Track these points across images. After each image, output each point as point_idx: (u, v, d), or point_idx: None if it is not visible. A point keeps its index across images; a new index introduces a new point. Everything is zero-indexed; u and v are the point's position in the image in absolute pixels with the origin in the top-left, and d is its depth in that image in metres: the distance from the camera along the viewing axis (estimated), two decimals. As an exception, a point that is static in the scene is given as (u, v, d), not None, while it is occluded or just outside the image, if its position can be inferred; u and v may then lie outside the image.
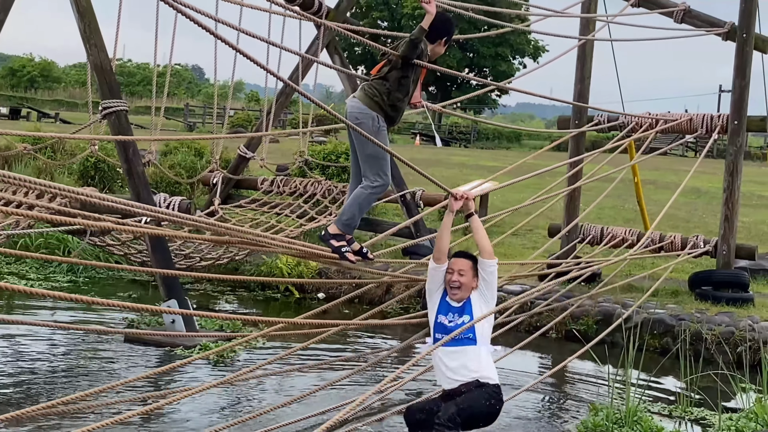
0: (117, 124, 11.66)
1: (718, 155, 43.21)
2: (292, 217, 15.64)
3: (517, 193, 23.53)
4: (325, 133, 36.34)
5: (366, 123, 7.57)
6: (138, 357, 10.67)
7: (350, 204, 7.82)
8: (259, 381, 9.71)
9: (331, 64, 14.41)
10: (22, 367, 9.98)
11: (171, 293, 11.48)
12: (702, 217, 22.41)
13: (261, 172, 18.78)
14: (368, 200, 7.80)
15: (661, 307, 12.85)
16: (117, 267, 12.11)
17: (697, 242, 14.11)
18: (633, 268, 15.10)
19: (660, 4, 14.73)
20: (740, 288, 13.49)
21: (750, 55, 13.87)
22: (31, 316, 12.06)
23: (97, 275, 15.12)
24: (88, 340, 11.37)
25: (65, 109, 68.59)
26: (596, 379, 10.86)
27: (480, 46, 74.72)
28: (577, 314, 12.75)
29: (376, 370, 10.30)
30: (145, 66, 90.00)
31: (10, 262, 15.22)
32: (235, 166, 17.59)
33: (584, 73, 14.92)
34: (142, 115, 49.43)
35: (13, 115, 53.15)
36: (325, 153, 19.62)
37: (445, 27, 7.93)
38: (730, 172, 13.97)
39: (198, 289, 14.84)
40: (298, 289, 14.65)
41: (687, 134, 14.72)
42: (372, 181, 7.69)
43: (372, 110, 7.61)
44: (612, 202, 23.68)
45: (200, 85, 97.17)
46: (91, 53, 11.72)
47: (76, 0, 11.63)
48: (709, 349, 11.48)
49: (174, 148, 21.53)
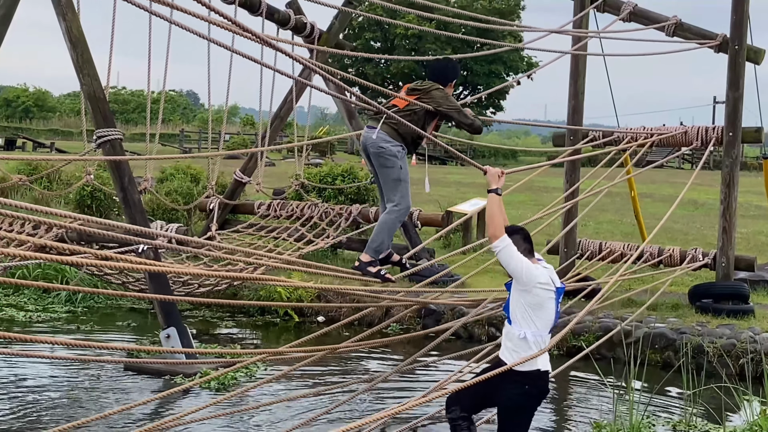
0: (112, 153, 11.65)
1: (715, 167, 43.27)
2: (290, 241, 15.62)
3: (515, 209, 23.54)
4: (321, 156, 36.46)
5: (391, 151, 8.45)
6: (137, 385, 10.62)
7: (378, 230, 8.61)
8: (261, 407, 9.65)
9: (323, 87, 14.41)
10: (22, 395, 9.94)
11: (170, 321, 11.46)
12: (700, 230, 22.40)
13: (257, 197, 18.77)
14: (395, 224, 8.62)
15: (662, 321, 12.81)
16: (117, 294, 12.07)
17: (695, 255, 14.09)
18: (632, 282, 15.06)
19: (651, 18, 14.77)
20: (740, 300, 13.46)
21: (742, 66, 13.90)
22: (31, 345, 12.02)
23: (96, 305, 15.08)
24: (88, 369, 11.32)
25: (60, 138, 68.57)
26: (599, 395, 10.81)
27: (474, 64, 74.87)
28: (577, 330, 12.71)
29: (379, 390, 10.26)
30: (139, 93, 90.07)
31: (8, 294, 15.18)
32: (232, 191, 17.58)
33: (578, 88, 14.94)
34: (138, 142, 49.44)
35: (9, 145, 53.14)
36: (321, 175, 19.62)
37: (455, 71, 9.11)
38: (727, 184, 13.96)
39: (197, 315, 14.79)
40: (297, 313, 14.61)
41: (683, 147, 14.73)
42: (397, 204, 8.52)
43: (396, 141, 8.48)
44: (610, 216, 23.70)
45: (195, 110, 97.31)
46: (84, 82, 11.74)
47: (69, 30, 11.65)
48: (711, 362, 11.45)
49: (170, 175, 21.53)
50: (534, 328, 7.03)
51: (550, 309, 7.06)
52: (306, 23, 15.96)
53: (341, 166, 20.44)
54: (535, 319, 7.04)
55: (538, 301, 7.01)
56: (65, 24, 11.65)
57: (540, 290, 6.99)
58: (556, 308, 7.11)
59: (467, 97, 78.69)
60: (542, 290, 7.00)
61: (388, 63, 75.68)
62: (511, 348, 7.11)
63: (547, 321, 7.08)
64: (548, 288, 7.02)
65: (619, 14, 14.79)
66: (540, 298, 7.01)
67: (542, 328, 7.06)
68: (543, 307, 7.03)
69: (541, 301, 7.02)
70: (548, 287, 7.02)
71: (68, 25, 11.64)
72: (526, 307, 7.05)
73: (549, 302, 7.04)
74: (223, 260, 14.10)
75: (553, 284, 7.08)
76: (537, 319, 7.04)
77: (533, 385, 7.09)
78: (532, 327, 7.03)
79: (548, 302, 7.04)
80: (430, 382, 10.48)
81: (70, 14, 11.64)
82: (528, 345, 7.03)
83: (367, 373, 11.47)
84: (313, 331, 13.99)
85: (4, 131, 67.43)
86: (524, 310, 7.06)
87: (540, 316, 7.04)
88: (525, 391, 7.06)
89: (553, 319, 7.11)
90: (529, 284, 6.98)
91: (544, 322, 7.06)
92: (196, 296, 12.91)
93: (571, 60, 14.83)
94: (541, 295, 7.00)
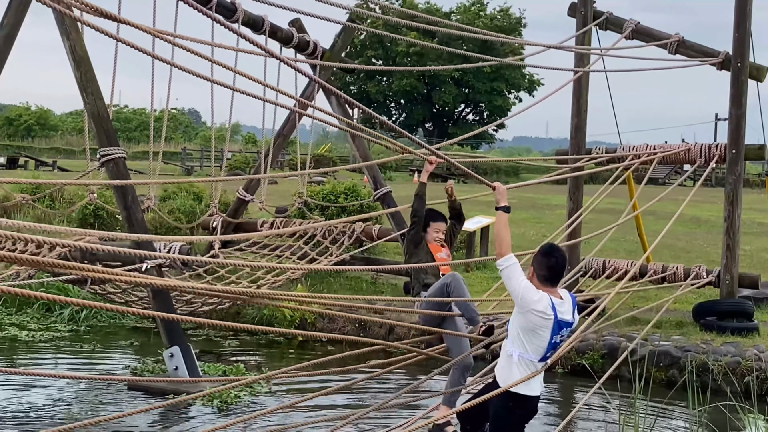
0: (115, 171, 11.65)
1: (717, 184, 43.25)
2: (293, 259, 15.60)
3: (518, 227, 23.52)
4: (324, 174, 36.42)
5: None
6: (141, 405, 10.58)
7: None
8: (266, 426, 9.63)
9: (324, 110, 14.43)
10: (25, 415, 9.91)
11: (173, 339, 11.43)
12: (703, 247, 22.35)
13: (260, 215, 18.77)
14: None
15: (667, 339, 12.77)
16: (121, 309, 12.06)
17: (699, 272, 14.06)
18: (637, 300, 15.03)
19: (654, 36, 14.81)
20: (745, 317, 13.42)
21: (745, 84, 13.90)
22: (34, 366, 11.99)
23: (99, 324, 15.06)
24: (92, 388, 11.29)
25: (63, 156, 68.63)
26: (604, 414, 10.76)
27: (475, 82, 75.05)
28: (582, 348, 12.68)
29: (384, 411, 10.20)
30: (141, 111, 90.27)
31: (11, 313, 15.16)
32: (235, 209, 17.58)
33: (580, 106, 14.96)
34: (140, 160, 49.52)
35: (11, 164, 53.13)
36: (324, 193, 19.62)
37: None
38: (730, 201, 13.95)
39: (200, 334, 14.76)
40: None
41: (685, 164, 14.73)
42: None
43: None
44: (613, 234, 23.63)
45: (197, 128, 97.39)
46: (88, 101, 11.75)
47: (72, 49, 11.67)
48: (716, 380, 11.40)
49: (173, 193, 21.51)
50: (522, 350, 7.13)
51: (543, 337, 7.08)
52: (309, 41, 16.01)
53: (344, 184, 20.44)
54: (526, 342, 7.12)
55: (531, 326, 7.06)
56: (69, 43, 11.68)
57: (534, 316, 7.02)
58: (551, 339, 7.09)
59: (469, 114, 78.98)
60: (537, 317, 7.01)
61: (390, 81, 75.87)
62: (501, 363, 7.32)
63: (539, 348, 7.13)
64: (544, 317, 7.00)
65: (621, 32, 14.83)
66: (533, 324, 7.05)
67: (532, 352, 7.13)
68: (535, 333, 7.08)
69: (533, 327, 7.06)
70: (544, 316, 7.00)
71: (72, 44, 11.66)
72: (519, 329, 7.14)
73: (543, 330, 7.05)
74: (226, 279, 14.13)
75: (554, 315, 7.03)
76: (528, 343, 7.12)
77: (517, 405, 7.22)
78: (521, 349, 7.14)
79: (542, 330, 7.05)
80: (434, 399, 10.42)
81: (74, 33, 11.67)
82: (512, 364, 7.18)
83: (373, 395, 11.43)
84: (317, 350, 14.07)
85: (6, 150, 67.49)
86: (518, 330, 7.16)
87: (531, 341, 7.11)
88: (509, 407, 7.22)
89: (545, 347, 7.13)
90: (524, 308, 7.04)
91: (534, 347, 7.12)
92: (199, 316, 12.88)
93: (574, 77, 14.84)
94: (535, 321, 7.03)
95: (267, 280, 13.80)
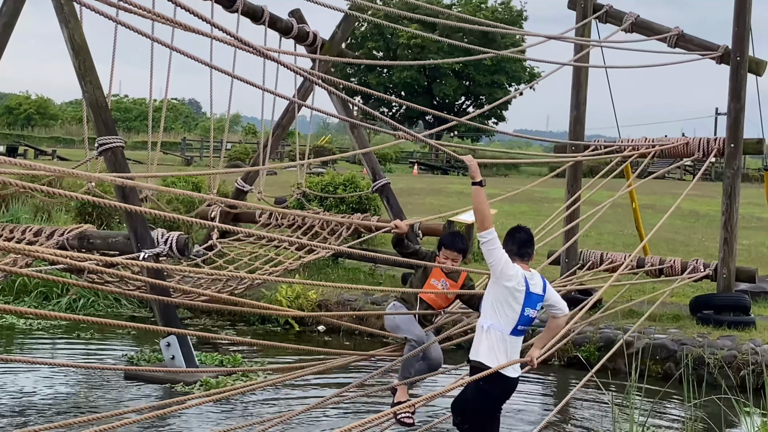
0: (113, 160, 11.66)
1: (716, 178, 43.22)
2: (291, 250, 15.59)
3: (516, 220, 23.49)
4: (323, 165, 36.43)
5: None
6: (138, 394, 10.60)
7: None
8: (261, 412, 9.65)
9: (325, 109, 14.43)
10: (21, 403, 9.93)
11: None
12: (701, 241, 22.37)
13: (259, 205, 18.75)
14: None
15: (663, 332, 12.80)
16: (120, 292, 12.04)
17: (697, 266, 14.06)
18: (633, 293, 15.04)
19: (653, 29, 14.79)
20: (741, 311, 13.44)
21: (744, 78, 13.90)
22: (31, 354, 12.01)
23: (96, 312, 15.06)
24: (88, 377, 11.31)
25: (62, 146, 68.61)
26: (599, 406, 10.79)
27: (476, 74, 74.95)
28: (578, 341, 12.70)
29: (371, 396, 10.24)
30: (141, 101, 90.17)
31: (8, 301, 15.16)
32: (233, 199, 17.56)
33: (579, 99, 14.95)
34: (139, 150, 49.46)
35: (10, 153, 53.15)
36: (323, 184, 19.62)
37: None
38: (728, 195, 13.95)
39: (197, 323, 14.78)
40: (298, 322, 14.58)
41: (684, 158, 14.74)
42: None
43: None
44: (611, 227, 23.67)
45: (197, 118, 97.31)
46: (86, 90, 11.74)
47: (71, 37, 11.66)
48: (712, 374, 11.43)
49: (171, 183, 21.51)
50: (494, 320, 7.34)
51: (515, 309, 7.31)
52: (308, 32, 15.99)
53: (343, 176, 20.43)
54: (499, 313, 7.33)
55: (504, 296, 7.30)
56: (68, 32, 11.66)
57: (508, 287, 7.27)
58: (523, 311, 7.31)
59: (470, 107, 78.88)
60: (510, 288, 7.27)
61: (390, 73, 75.77)
62: (474, 340, 7.48)
63: (510, 320, 7.32)
64: (517, 288, 7.28)
65: (620, 24, 14.81)
66: (505, 295, 7.29)
67: (504, 324, 7.33)
68: (508, 304, 7.30)
69: (506, 298, 7.30)
70: (518, 287, 7.28)
71: (71, 32, 11.65)
72: (494, 300, 7.37)
73: (514, 302, 7.30)
74: (224, 269, 14.13)
75: (526, 287, 7.31)
76: (500, 314, 7.32)
77: (488, 384, 7.30)
78: (492, 319, 7.35)
79: (514, 302, 7.30)
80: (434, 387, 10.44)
81: (73, 22, 11.66)
82: (482, 335, 7.37)
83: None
84: (314, 340, 14.09)
85: (6, 139, 67.49)
86: (491, 302, 7.39)
87: (504, 312, 7.32)
88: (480, 388, 7.33)
89: (516, 319, 7.32)
90: (500, 279, 7.29)
91: (506, 319, 7.32)
92: (197, 306, 12.88)
93: (573, 71, 14.83)
94: (508, 293, 7.28)
95: (264, 271, 13.80)
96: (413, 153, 66.01)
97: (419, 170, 60.10)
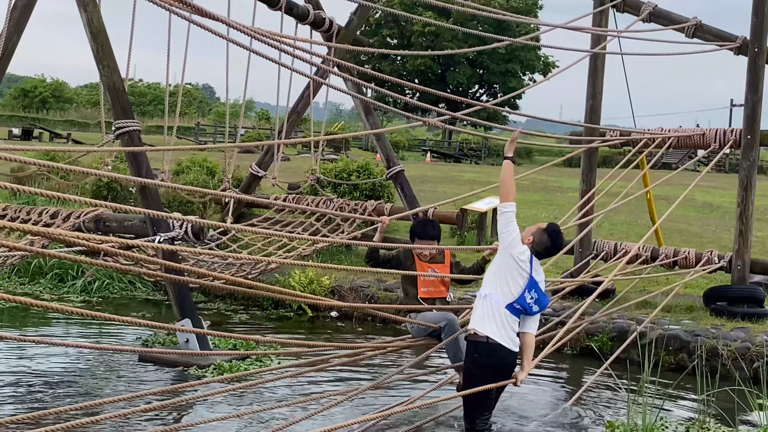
0: (130, 144, 11.69)
1: (731, 170, 43.10)
2: (304, 236, 15.64)
3: (529, 209, 23.53)
4: (336, 152, 36.48)
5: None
6: (151, 376, 10.65)
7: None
8: (275, 398, 9.68)
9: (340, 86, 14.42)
10: (35, 385, 9.98)
11: (184, 312, 11.50)
12: (716, 233, 22.31)
13: (273, 191, 18.80)
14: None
15: (677, 323, 12.78)
16: (137, 271, 12.06)
17: (711, 258, 14.05)
18: (647, 284, 15.03)
19: (671, 19, 14.72)
20: (756, 303, 13.41)
21: (762, 69, 13.82)
22: (45, 335, 12.06)
23: (111, 295, 15.15)
24: (102, 359, 11.37)
25: (77, 129, 68.83)
26: (612, 396, 10.79)
27: (490, 63, 74.76)
28: (591, 331, 12.71)
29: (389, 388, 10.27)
30: (156, 86, 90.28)
31: (24, 283, 15.26)
32: (247, 184, 17.62)
33: (596, 88, 14.89)
34: (154, 135, 49.54)
35: (26, 135, 53.37)
36: (337, 171, 19.65)
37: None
38: (744, 187, 13.90)
39: (211, 308, 14.83)
40: (311, 307, 14.62)
41: (699, 149, 14.69)
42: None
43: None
44: (625, 218, 23.63)
45: (211, 104, 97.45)
46: (104, 74, 11.77)
47: (89, 21, 11.68)
48: (725, 365, 11.41)
49: (186, 168, 21.58)
50: (492, 290, 7.48)
51: (516, 284, 7.43)
52: (325, 18, 16.00)
53: (356, 162, 20.45)
54: (499, 282, 7.47)
55: (509, 266, 7.46)
56: (86, 15, 11.68)
57: (514, 260, 7.44)
58: (523, 293, 7.42)
59: (483, 95, 78.71)
60: (516, 262, 7.44)
61: (404, 60, 75.63)
62: (473, 311, 7.65)
63: (508, 294, 7.44)
64: (523, 264, 7.45)
65: (638, 14, 14.75)
66: (510, 267, 7.45)
67: (501, 295, 7.44)
68: (511, 276, 7.45)
69: (510, 269, 7.45)
70: (523, 264, 7.45)
71: (89, 16, 11.67)
72: (497, 269, 7.53)
73: (517, 278, 7.44)
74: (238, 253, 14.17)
75: (530, 270, 7.46)
76: (501, 284, 7.46)
77: (483, 355, 7.40)
78: (490, 289, 7.49)
79: (517, 276, 7.44)
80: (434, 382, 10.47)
81: (91, 6, 11.67)
82: (479, 302, 7.54)
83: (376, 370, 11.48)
84: (327, 326, 14.13)
85: (21, 121, 67.72)
86: (494, 272, 7.55)
87: (505, 282, 7.45)
88: (474, 359, 7.46)
89: (515, 295, 7.42)
90: (508, 249, 7.47)
91: (505, 291, 7.44)
92: (211, 289, 12.94)
93: (590, 59, 14.77)
94: (513, 265, 7.45)
95: (278, 256, 13.84)
96: (426, 141, 65.95)
97: (432, 158, 60.05)
